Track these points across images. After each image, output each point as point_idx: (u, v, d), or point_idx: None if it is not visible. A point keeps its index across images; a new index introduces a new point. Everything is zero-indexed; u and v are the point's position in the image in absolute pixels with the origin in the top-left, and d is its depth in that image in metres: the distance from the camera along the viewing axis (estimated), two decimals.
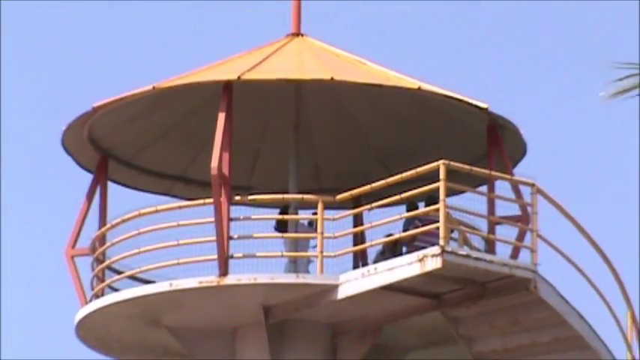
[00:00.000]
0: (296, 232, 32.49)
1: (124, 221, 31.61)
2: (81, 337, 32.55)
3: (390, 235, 30.98)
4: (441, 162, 28.65)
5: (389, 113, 33.84)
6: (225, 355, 31.90)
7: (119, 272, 32.09)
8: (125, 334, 32.79)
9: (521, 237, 30.81)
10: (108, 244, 32.12)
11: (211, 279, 29.89)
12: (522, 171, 33.49)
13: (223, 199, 30.33)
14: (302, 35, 34.45)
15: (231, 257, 29.99)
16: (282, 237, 32.19)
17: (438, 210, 28.83)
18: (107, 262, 32.09)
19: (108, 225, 32.37)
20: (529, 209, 30.42)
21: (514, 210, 31.43)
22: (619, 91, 14.58)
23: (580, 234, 30.48)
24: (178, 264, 30.60)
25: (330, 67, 32.10)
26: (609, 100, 14.80)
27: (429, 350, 32.76)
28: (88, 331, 32.32)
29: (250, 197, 31.84)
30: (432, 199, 29.85)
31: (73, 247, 32.47)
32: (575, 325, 29.85)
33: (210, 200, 30.27)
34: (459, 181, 29.76)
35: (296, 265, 31.68)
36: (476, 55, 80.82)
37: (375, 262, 31.03)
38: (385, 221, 30.52)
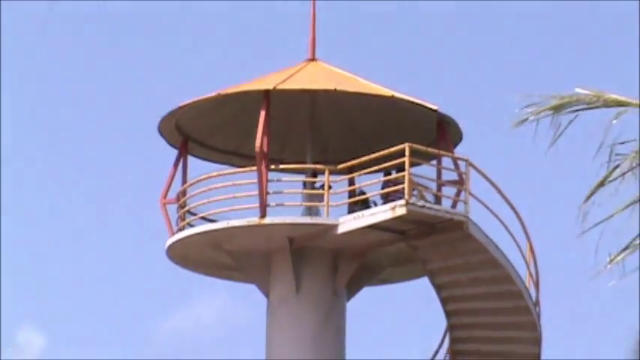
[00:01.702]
0: (312, 188, 33.49)
1: (198, 181, 33.29)
2: (169, 256, 33.66)
3: (363, 193, 32.72)
4: (406, 144, 30.24)
5: (373, 112, 34.35)
6: (263, 269, 33.10)
7: (194, 214, 33.64)
8: (197, 255, 33.95)
9: (458, 194, 32.25)
10: (187, 195, 33.69)
11: (254, 220, 31.41)
12: (459, 151, 34.17)
13: (263, 167, 31.64)
14: (316, 60, 34.99)
15: (268, 205, 31.33)
16: (302, 192, 33.54)
17: (404, 176, 30.52)
18: (186, 208, 33.33)
19: (187, 183, 33.68)
20: (464, 176, 31.89)
21: (454, 176, 32.53)
22: (523, 120, 13.36)
23: (497, 193, 31.55)
24: (233, 210, 32.25)
25: (334, 82, 33.19)
26: (517, 126, 13.52)
27: (396, 268, 33.91)
28: (174, 252, 33.46)
29: (281, 166, 33.51)
30: (400, 168, 31.35)
31: (165, 197, 33.68)
32: (493, 253, 31.11)
33: (254, 168, 31.77)
34: (418, 157, 31.18)
35: (311, 211, 32.72)
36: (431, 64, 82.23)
37: (353, 211, 32.35)
38: (369, 183, 32.68)
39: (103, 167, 66.93)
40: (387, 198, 31.74)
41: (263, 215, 31.51)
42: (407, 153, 30.37)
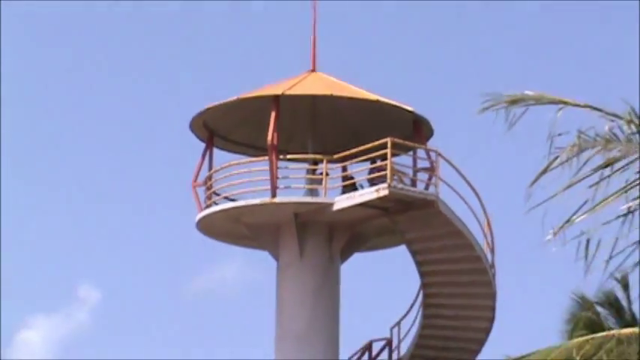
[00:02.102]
0: (313, 174, 35.38)
1: (221, 168, 35.95)
2: (198, 228, 36.10)
3: (352, 178, 35.35)
4: (388, 138, 32.76)
5: (361, 112, 36.20)
6: (273, 239, 35.36)
7: (218, 195, 35.85)
8: (221, 227, 36.37)
9: (430, 179, 34.58)
10: (213, 180, 36.03)
11: (267, 199, 33.87)
12: (431, 143, 36.02)
13: (273, 157, 34.01)
14: (315, 71, 36.95)
15: (277, 188, 33.81)
16: (305, 177, 35.62)
17: (386, 164, 33.04)
18: (212, 190, 35.66)
19: (212, 170, 36.06)
20: (434, 164, 34.41)
21: (426, 164, 35.05)
22: (485, 108, 13.52)
23: (462, 178, 33.83)
24: (249, 191, 34.81)
25: (330, 89, 35.65)
26: (480, 113, 13.46)
27: (380, 238, 35.96)
28: (202, 225, 35.82)
29: (288, 156, 35.51)
30: (383, 158, 33.84)
31: (195, 181, 35.84)
32: (458, 226, 33.69)
33: (266, 157, 34.18)
34: (398, 149, 34.04)
35: (312, 192, 34.96)
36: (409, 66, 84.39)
37: (345, 192, 34.82)
38: (359, 169, 35.34)
39: (149, 160, 71.66)
40: (372, 182, 34.08)
41: (274, 195, 33.88)
42: (389, 145, 32.89)
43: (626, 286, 33.31)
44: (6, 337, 78.55)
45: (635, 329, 17.62)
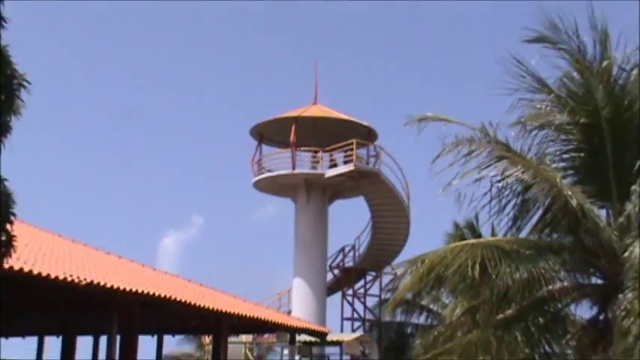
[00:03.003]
0: (314, 158, 41.86)
1: (265, 155, 43.61)
2: (254, 187, 43.15)
3: (335, 160, 41.60)
4: (354, 140, 40.45)
5: (340, 125, 42.51)
6: (294, 192, 42.67)
7: (262, 169, 42.88)
8: (265, 185, 43.40)
9: (376, 161, 42.02)
10: (262, 161, 43.26)
11: (290, 171, 41.34)
12: (379, 142, 43.06)
13: (294, 149, 41.72)
14: (317, 103, 44.23)
15: (295, 165, 41.33)
16: (310, 160, 42.58)
17: (352, 153, 40.38)
18: (261, 165, 42.94)
19: (261, 156, 43.40)
20: (379, 152, 42.02)
21: (373, 153, 42.34)
22: (406, 123, 14.97)
23: (394, 161, 41.77)
24: (280, 166, 41.96)
25: (324, 113, 42.81)
26: (405, 125, 14.94)
27: (350, 192, 42.94)
28: (256, 185, 42.99)
29: (302, 148, 42.12)
30: (350, 149, 40.60)
31: (252, 162, 43.18)
32: (392, 188, 41.26)
33: (289, 149, 41.68)
34: (359, 145, 40.79)
35: (314, 168, 41.88)
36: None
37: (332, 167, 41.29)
38: (340, 157, 41.51)
39: (232, 150, 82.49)
40: (345, 162, 40.87)
41: (293, 169, 41.58)
42: (354, 143, 40.41)
43: (477, 217, 32.66)
44: (155, 242, 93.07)
45: (481, 239, 17.50)
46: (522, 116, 15.18)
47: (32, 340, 33.11)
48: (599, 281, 14.61)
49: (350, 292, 44.70)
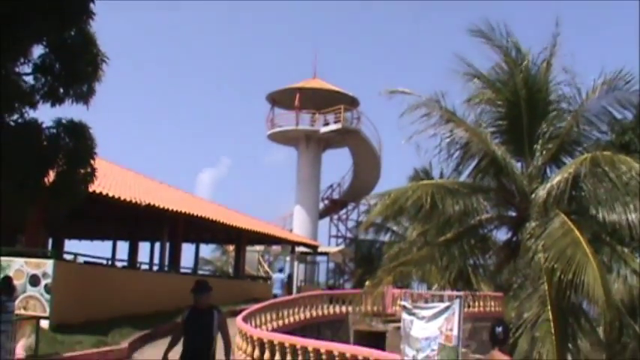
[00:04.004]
0: (312, 119, 41.66)
1: (277, 115, 43.23)
2: (269, 138, 42.95)
3: (327, 121, 40.91)
4: (342, 105, 40.44)
5: (333, 95, 41.29)
6: (297, 142, 42.22)
7: (274, 124, 42.52)
8: (277, 137, 42.98)
9: (357, 122, 41.76)
10: (274, 119, 42.94)
11: (294, 127, 41.08)
12: (361, 107, 42.60)
13: (298, 111, 41.64)
14: (316, 77, 43.56)
15: (298, 123, 41.24)
16: (310, 120, 41.87)
17: (341, 115, 40.38)
18: (274, 122, 42.65)
19: (273, 115, 43.02)
20: (360, 115, 41.95)
21: (356, 115, 41.94)
22: (383, 93, 14.08)
23: (371, 124, 41.90)
24: (288, 123, 41.84)
25: (321, 86, 42.16)
26: (383, 94, 14.13)
27: (338, 144, 42.36)
28: (270, 136, 42.66)
29: (303, 111, 41.42)
30: (338, 113, 40.27)
31: (267, 120, 43.20)
32: (369, 142, 41.13)
33: (295, 111, 41.60)
34: (346, 110, 40.54)
35: (313, 125, 41.58)
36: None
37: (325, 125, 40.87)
38: (331, 118, 40.85)
39: (252, 112, 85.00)
40: (335, 122, 40.66)
41: (297, 125, 41.59)
42: (342, 108, 40.38)
43: (430, 165, 31.07)
44: (194, 176, 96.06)
45: (432, 181, 16.86)
46: (469, 94, 15.02)
47: (108, 244, 34.37)
48: (514, 214, 14.63)
49: (336, 217, 45.39)
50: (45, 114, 10.35)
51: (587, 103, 13.76)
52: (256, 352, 16.12)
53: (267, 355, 15.75)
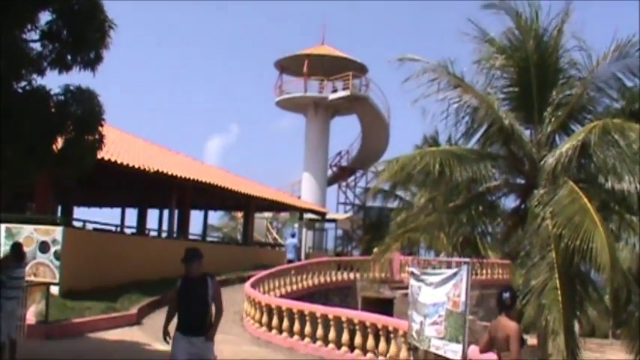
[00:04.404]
0: (321, 84, 41.23)
1: (285, 82, 42.65)
2: (277, 105, 42.71)
3: (336, 87, 40.46)
4: (350, 72, 39.64)
5: (338, 61, 40.86)
6: (305, 109, 41.91)
7: (282, 91, 42.09)
8: (285, 103, 42.58)
9: (366, 88, 41.32)
10: (282, 85, 42.59)
11: (302, 94, 40.61)
12: (369, 75, 41.99)
13: (306, 77, 41.05)
14: (324, 44, 43.09)
15: (307, 89, 40.96)
16: (318, 87, 41.37)
17: (349, 82, 39.97)
18: (282, 89, 42.37)
19: (281, 81, 42.66)
20: (369, 82, 41.49)
21: (365, 82, 41.42)
22: (393, 60, 13.73)
23: (380, 92, 42.45)
24: (295, 90, 41.57)
25: (330, 52, 41.69)
26: (393, 62, 13.77)
27: (346, 110, 41.98)
28: (278, 103, 42.46)
29: (312, 77, 40.93)
30: (347, 80, 39.70)
31: (275, 87, 42.84)
32: (374, 106, 40.70)
33: (303, 78, 40.94)
34: (354, 77, 40.11)
35: (321, 92, 41.24)
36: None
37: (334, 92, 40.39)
38: (340, 85, 40.51)
39: (261, 78, 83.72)
40: (344, 89, 40.26)
41: (305, 92, 41.12)
42: (350, 75, 39.88)
43: (437, 133, 32.30)
44: (202, 143, 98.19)
45: (440, 147, 16.10)
46: (479, 57, 14.86)
47: (117, 211, 34.71)
48: (522, 181, 14.61)
49: (344, 184, 45.18)
50: (53, 81, 10.37)
51: (598, 70, 13.61)
52: (264, 318, 16.36)
53: (275, 321, 15.95)
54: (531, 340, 11.95)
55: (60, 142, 10.17)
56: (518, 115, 14.43)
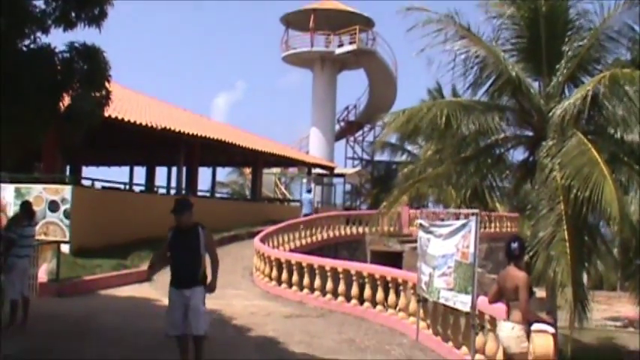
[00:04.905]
0: (328, 39, 40.67)
1: (291, 37, 41.84)
2: (284, 60, 42.32)
3: (342, 42, 39.89)
4: (357, 26, 39.18)
5: (349, 15, 40.47)
6: (311, 64, 41.32)
7: (289, 46, 41.42)
8: (292, 58, 41.83)
9: (373, 41, 40.69)
10: (289, 41, 41.83)
11: (309, 49, 40.11)
12: (376, 29, 41.41)
13: (313, 32, 40.22)
14: None
15: (313, 44, 40.43)
16: (325, 41, 40.53)
17: (356, 36, 39.24)
18: (288, 44, 41.75)
19: (288, 37, 41.93)
20: (376, 37, 40.79)
21: (372, 36, 40.94)
22: (401, 11, 13.81)
23: (386, 45, 44.07)
24: (303, 45, 41.17)
25: (335, 7, 41.08)
26: (399, 13, 13.83)
27: (353, 64, 41.05)
28: (285, 59, 41.82)
29: (318, 32, 40.08)
30: (354, 34, 39.09)
31: (281, 42, 42.23)
32: (382, 60, 40.31)
33: (309, 33, 40.44)
34: (361, 31, 39.45)
35: (327, 42, 40.74)
36: None
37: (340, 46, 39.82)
38: (346, 39, 39.86)
39: (267, 33, 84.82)
40: (350, 43, 39.66)
41: (312, 46, 40.61)
42: (357, 29, 39.50)
43: (439, 85, 35.17)
44: (210, 100, 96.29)
45: (447, 99, 17.76)
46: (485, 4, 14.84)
47: (125, 169, 34.46)
48: (530, 133, 14.58)
49: (352, 138, 45.10)
50: (57, 38, 10.27)
51: (609, 20, 13.52)
52: (274, 272, 16.41)
53: (284, 274, 16.01)
54: (540, 292, 11.98)
55: (66, 100, 10.10)
56: (526, 67, 14.36)
